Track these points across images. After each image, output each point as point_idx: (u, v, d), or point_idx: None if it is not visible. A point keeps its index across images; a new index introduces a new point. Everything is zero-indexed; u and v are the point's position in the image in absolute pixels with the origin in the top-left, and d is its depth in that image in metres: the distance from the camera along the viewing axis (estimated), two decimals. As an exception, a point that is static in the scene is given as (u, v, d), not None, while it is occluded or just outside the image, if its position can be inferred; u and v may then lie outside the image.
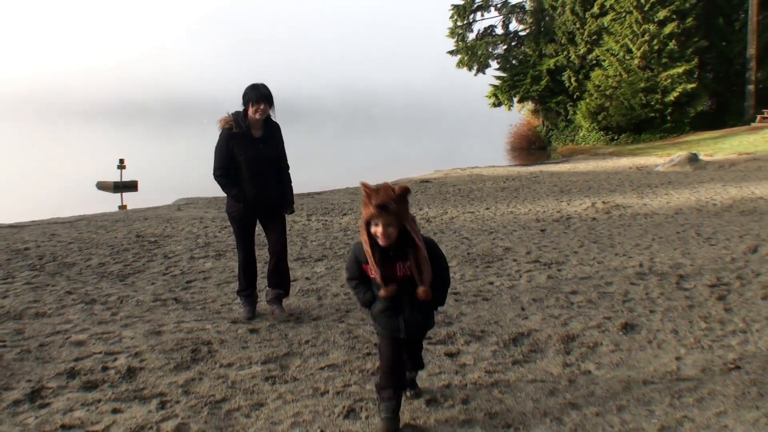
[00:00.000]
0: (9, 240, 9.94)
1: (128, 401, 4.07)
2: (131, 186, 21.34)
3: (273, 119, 6.03)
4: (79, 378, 4.39)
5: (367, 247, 3.58)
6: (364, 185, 3.54)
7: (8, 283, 7.08)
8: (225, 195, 6.05)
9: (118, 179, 21.14)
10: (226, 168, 5.85)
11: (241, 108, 5.87)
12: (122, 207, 17.52)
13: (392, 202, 3.48)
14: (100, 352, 4.88)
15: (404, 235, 3.57)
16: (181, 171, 27.89)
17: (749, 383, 4.24)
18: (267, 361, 4.80)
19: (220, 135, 5.88)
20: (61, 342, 5.13)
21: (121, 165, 20.98)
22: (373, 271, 3.62)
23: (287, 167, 6.15)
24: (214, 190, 18.12)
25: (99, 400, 4.06)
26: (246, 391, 4.25)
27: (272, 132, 6.00)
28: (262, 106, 5.78)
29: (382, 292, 3.66)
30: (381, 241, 3.54)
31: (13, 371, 4.48)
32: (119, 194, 20.14)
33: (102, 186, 21.51)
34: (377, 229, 3.52)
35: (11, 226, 11.85)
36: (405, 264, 3.64)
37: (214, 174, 5.92)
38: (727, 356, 4.80)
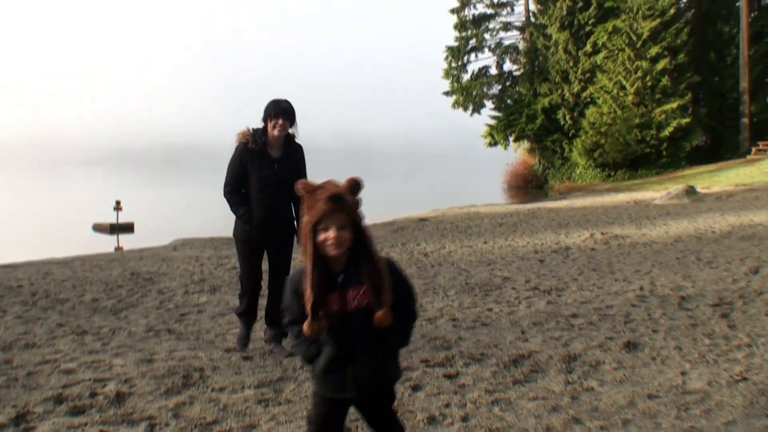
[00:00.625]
0: (2, 278, 9.82)
1: (116, 425, 3.93)
2: (128, 228, 21.23)
3: (297, 140, 5.64)
4: (67, 403, 4.25)
5: (308, 262, 2.75)
6: (303, 183, 2.83)
7: (-2, 318, 6.96)
8: (224, 233, 5.82)
9: (114, 221, 21.05)
10: (236, 185, 5.51)
11: (262, 124, 5.51)
12: (118, 248, 17.42)
13: (345, 193, 2.78)
14: (89, 379, 4.75)
15: (358, 245, 2.79)
16: (178, 213, 27.85)
17: (757, 393, 4.13)
18: (260, 385, 4.67)
19: (235, 149, 5.52)
20: (49, 370, 5.00)
21: (118, 207, 20.88)
22: (307, 296, 2.74)
23: None
24: (210, 230, 18.32)
25: (85, 424, 3.93)
26: (238, 413, 4.11)
27: (292, 153, 5.58)
28: (280, 122, 5.39)
29: (305, 328, 2.74)
30: (333, 250, 2.74)
31: (-2, 397, 4.36)
32: (115, 236, 20.06)
33: (98, 228, 21.43)
34: (328, 235, 2.72)
35: (5, 265, 11.74)
36: (359, 290, 2.77)
37: (223, 190, 5.56)
38: (734, 369, 4.68)
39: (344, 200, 2.74)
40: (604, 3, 45.45)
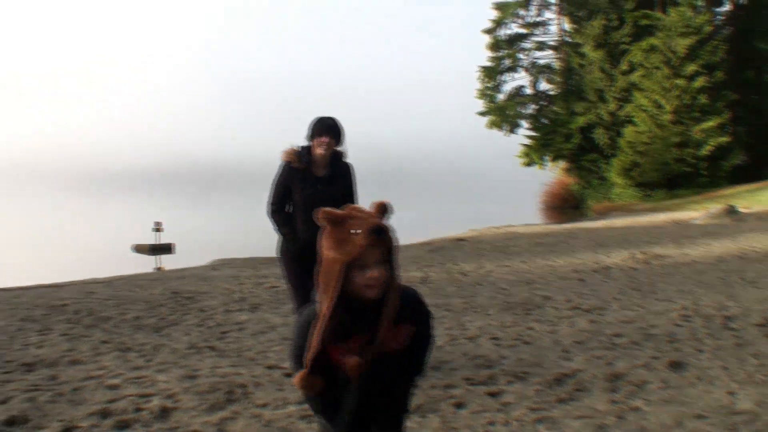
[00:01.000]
0: (47, 298, 9.98)
1: (162, 439, 3.97)
2: (167, 248, 21.50)
3: (345, 159, 5.42)
4: (112, 418, 4.31)
5: (328, 307, 2.36)
6: (326, 212, 2.40)
7: (44, 335, 7.07)
8: (262, 253, 5.76)
9: (154, 242, 21.33)
10: (280, 205, 5.36)
11: (307, 143, 5.33)
12: (159, 268, 17.61)
13: (384, 224, 2.39)
14: (134, 395, 4.81)
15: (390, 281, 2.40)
16: (217, 234, 28.12)
17: (809, 413, 4.04)
18: (303, 401, 4.67)
19: (279, 168, 5.36)
20: (94, 386, 5.06)
21: (157, 228, 21.18)
22: (312, 345, 2.38)
23: None
24: (249, 251, 18.47)
25: (132, 439, 3.97)
26: (281, 429, 4.13)
27: (340, 173, 5.38)
28: (324, 139, 5.21)
29: (296, 379, 2.44)
30: (374, 293, 2.36)
31: (45, 412, 4.42)
32: (155, 256, 20.29)
33: (139, 249, 21.72)
34: (370, 275, 2.33)
35: (50, 285, 11.94)
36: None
37: (267, 210, 5.41)
38: (783, 389, 4.59)
39: (386, 233, 2.36)
40: (639, 21, 45.28)
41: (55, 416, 4.35)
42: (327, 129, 5.26)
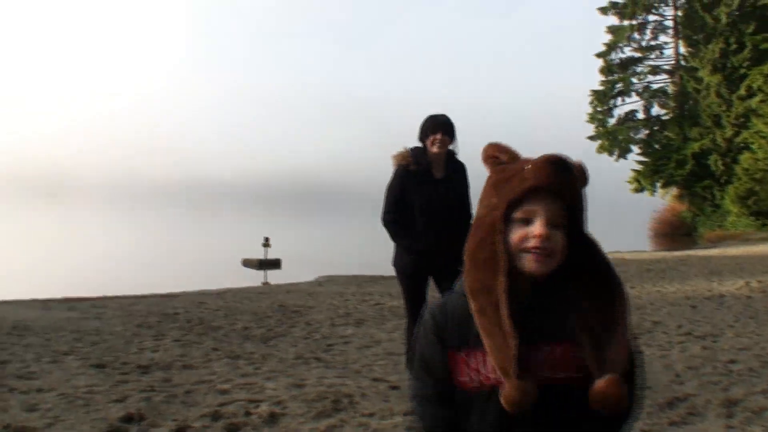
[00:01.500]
0: (161, 306, 10.38)
1: (270, 443, 4.05)
2: (275, 264, 21.92)
3: (458, 158, 5.10)
4: (223, 420, 4.43)
5: (496, 275, 1.53)
6: (494, 145, 1.68)
7: (158, 340, 7.35)
8: (366, 271, 5.72)
9: (262, 257, 21.82)
10: (397, 212, 4.99)
11: (419, 144, 5.01)
12: (265, 283, 18.00)
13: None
14: (243, 400, 4.93)
15: (576, 263, 1.60)
16: (323, 252, 28.54)
17: None
18: (409, 413, 4.68)
19: (394, 173, 5.01)
20: (206, 390, 5.22)
21: (266, 243, 21.66)
22: (498, 331, 1.49)
23: (469, 216, 4.89)
24: (354, 268, 18.69)
25: (242, 440, 4.07)
26: (388, 438, 4.15)
27: (456, 172, 5.04)
28: (439, 136, 4.87)
29: (506, 395, 1.45)
30: (536, 262, 1.54)
31: (160, 411, 4.58)
32: (263, 271, 20.74)
33: (247, 263, 22.23)
34: (534, 229, 1.53)
35: (165, 295, 12.41)
36: (561, 346, 1.55)
37: (382, 219, 5.06)
38: None
39: (572, 173, 1.58)
40: (760, 45, 43.57)
41: (169, 416, 4.51)
42: (440, 125, 4.94)
